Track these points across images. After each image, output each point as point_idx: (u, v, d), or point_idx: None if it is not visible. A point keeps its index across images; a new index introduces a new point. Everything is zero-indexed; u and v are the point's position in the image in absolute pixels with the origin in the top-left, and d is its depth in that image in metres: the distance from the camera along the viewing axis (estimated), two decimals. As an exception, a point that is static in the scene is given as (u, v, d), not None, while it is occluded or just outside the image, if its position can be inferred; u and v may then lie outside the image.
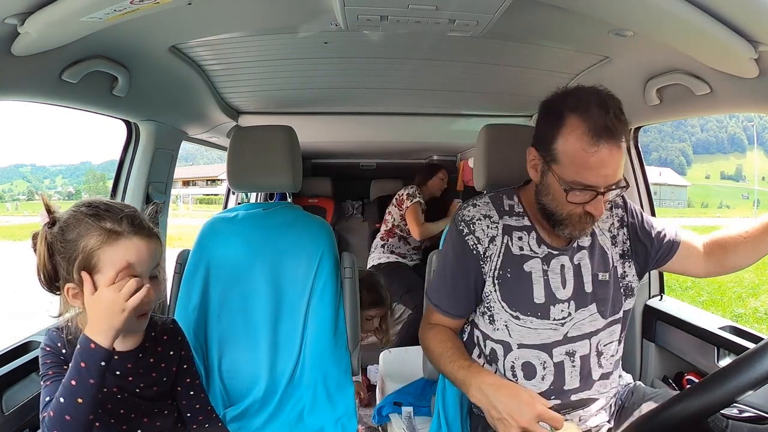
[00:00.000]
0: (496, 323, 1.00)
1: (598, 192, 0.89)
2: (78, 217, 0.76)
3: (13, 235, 14.47)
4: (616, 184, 0.90)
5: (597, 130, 0.86)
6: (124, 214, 0.77)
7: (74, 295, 0.77)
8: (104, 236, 0.75)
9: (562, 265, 1.00)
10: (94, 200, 0.80)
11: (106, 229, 0.75)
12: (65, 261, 0.75)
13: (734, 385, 0.64)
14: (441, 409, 1.15)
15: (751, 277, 7.28)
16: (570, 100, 0.90)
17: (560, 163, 0.90)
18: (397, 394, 1.50)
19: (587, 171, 0.88)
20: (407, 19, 0.97)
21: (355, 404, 1.29)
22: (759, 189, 53.71)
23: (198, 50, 1.29)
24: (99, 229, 0.75)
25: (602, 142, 0.86)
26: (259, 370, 1.29)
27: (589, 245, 1.03)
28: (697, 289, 6.77)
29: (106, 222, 0.76)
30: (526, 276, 0.99)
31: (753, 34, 0.78)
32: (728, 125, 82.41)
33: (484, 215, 1.02)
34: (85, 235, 0.75)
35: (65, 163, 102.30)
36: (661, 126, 54.28)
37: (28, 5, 0.76)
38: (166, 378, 0.91)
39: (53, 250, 0.76)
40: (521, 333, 0.99)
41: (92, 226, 0.75)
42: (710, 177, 79.17)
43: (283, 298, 1.33)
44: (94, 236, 0.74)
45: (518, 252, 1.00)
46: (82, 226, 0.75)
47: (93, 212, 0.76)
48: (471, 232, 1.01)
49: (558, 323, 0.98)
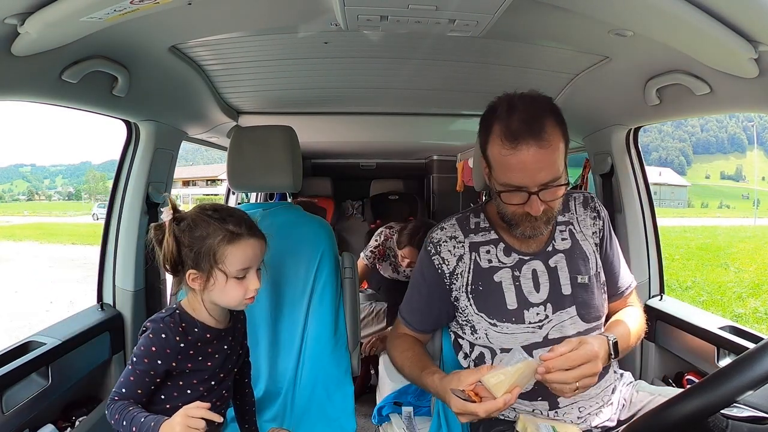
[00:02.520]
0: (478, 332, 1.05)
1: (530, 192, 0.92)
2: (205, 218, 0.93)
3: (13, 235, 14.47)
4: (550, 182, 0.92)
5: (512, 133, 0.90)
6: (243, 219, 0.95)
7: (193, 280, 0.93)
8: (228, 236, 0.92)
9: (533, 270, 1.04)
10: (218, 205, 1.00)
11: (229, 231, 0.92)
12: (192, 252, 0.92)
13: (734, 385, 0.64)
14: (441, 409, 1.16)
15: (751, 277, 7.28)
16: (495, 108, 0.95)
17: (493, 168, 0.97)
18: (397, 394, 1.50)
19: (511, 172, 0.92)
20: (407, 19, 0.97)
21: (354, 404, 1.29)
22: (759, 189, 53.71)
23: (198, 50, 1.29)
24: (224, 230, 0.92)
25: (520, 143, 0.89)
26: (259, 369, 1.29)
27: (569, 248, 1.06)
28: (697, 289, 6.78)
29: (229, 225, 0.93)
30: (496, 286, 1.04)
31: (753, 34, 0.78)
32: (728, 125, 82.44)
33: (450, 237, 1.09)
34: (212, 234, 0.92)
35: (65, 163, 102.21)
36: (661, 126, 54.25)
37: (28, 5, 0.76)
38: (243, 349, 1.10)
39: (179, 243, 0.92)
40: (500, 339, 1.03)
41: (218, 227, 0.92)
42: (710, 177, 79.18)
43: (283, 298, 1.34)
44: (220, 235, 0.91)
45: (487, 265, 1.06)
46: (210, 227, 0.92)
47: (218, 216, 0.94)
48: (437, 253, 1.08)
49: (535, 326, 1.02)
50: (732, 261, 9.47)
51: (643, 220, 1.60)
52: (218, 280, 0.92)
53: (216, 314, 0.99)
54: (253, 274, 0.95)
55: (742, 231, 17.46)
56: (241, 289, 0.94)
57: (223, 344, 1.00)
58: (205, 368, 0.97)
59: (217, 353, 0.99)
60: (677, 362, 1.44)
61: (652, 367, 1.51)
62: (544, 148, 0.89)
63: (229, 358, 1.02)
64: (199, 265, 0.92)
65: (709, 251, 11.01)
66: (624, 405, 1.07)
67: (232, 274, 0.92)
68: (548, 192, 0.93)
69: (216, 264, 0.92)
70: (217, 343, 0.99)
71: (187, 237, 0.92)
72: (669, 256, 9.86)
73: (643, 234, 1.59)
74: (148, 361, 0.90)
